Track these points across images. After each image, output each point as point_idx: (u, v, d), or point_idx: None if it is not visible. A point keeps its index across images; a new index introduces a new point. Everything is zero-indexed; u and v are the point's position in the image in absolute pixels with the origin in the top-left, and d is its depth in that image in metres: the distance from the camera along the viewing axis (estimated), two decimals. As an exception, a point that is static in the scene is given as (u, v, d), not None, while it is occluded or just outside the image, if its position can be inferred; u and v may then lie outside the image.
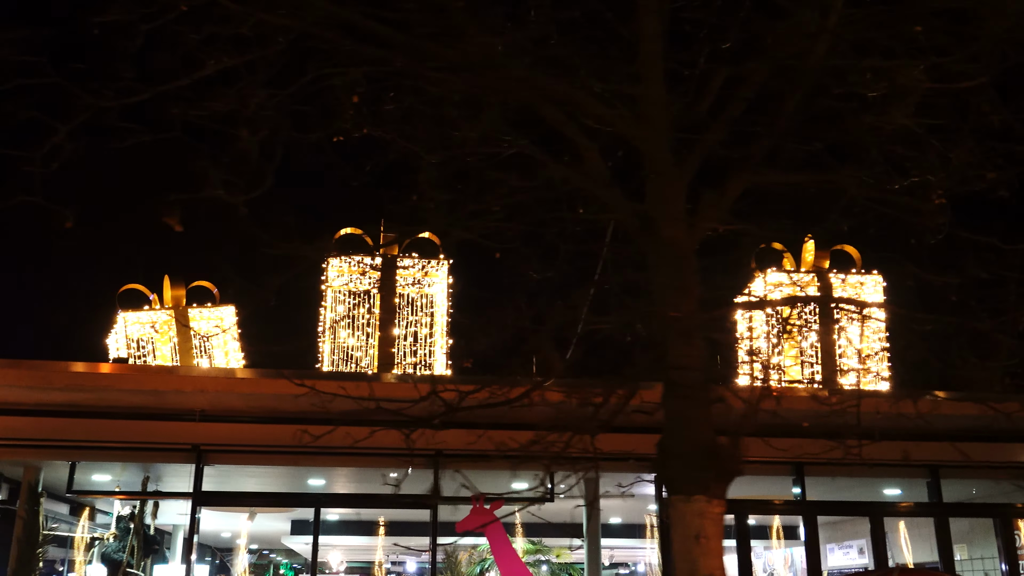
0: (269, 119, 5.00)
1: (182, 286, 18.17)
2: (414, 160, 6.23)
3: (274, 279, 5.71)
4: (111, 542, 14.96)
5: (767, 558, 25.59)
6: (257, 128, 4.95)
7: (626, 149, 5.91)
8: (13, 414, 13.25)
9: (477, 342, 7.82)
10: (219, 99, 4.83)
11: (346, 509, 16.66)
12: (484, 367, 9.89)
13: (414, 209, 6.19)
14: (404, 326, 15.70)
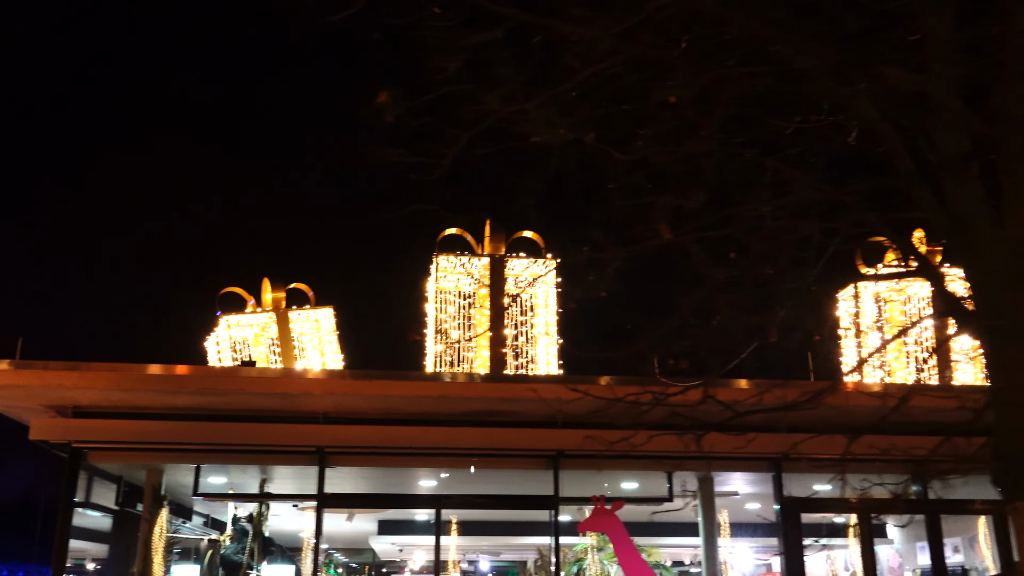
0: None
1: (282, 288, 18.28)
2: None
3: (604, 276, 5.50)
4: (229, 544, 15.05)
5: (847, 557, 25.28)
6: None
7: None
8: (141, 418, 13.37)
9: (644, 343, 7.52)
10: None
11: (457, 510, 16.61)
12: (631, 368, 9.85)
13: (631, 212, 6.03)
14: (513, 326, 15.65)
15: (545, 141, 4.88)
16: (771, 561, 26.01)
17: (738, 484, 16.12)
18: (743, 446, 7.30)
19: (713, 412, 6.28)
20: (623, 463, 14.13)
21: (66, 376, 12.56)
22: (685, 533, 20.81)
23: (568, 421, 13.82)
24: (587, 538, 17.06)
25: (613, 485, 15.40)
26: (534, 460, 14.14)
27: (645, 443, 6.19)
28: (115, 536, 15.82)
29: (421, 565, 27.34)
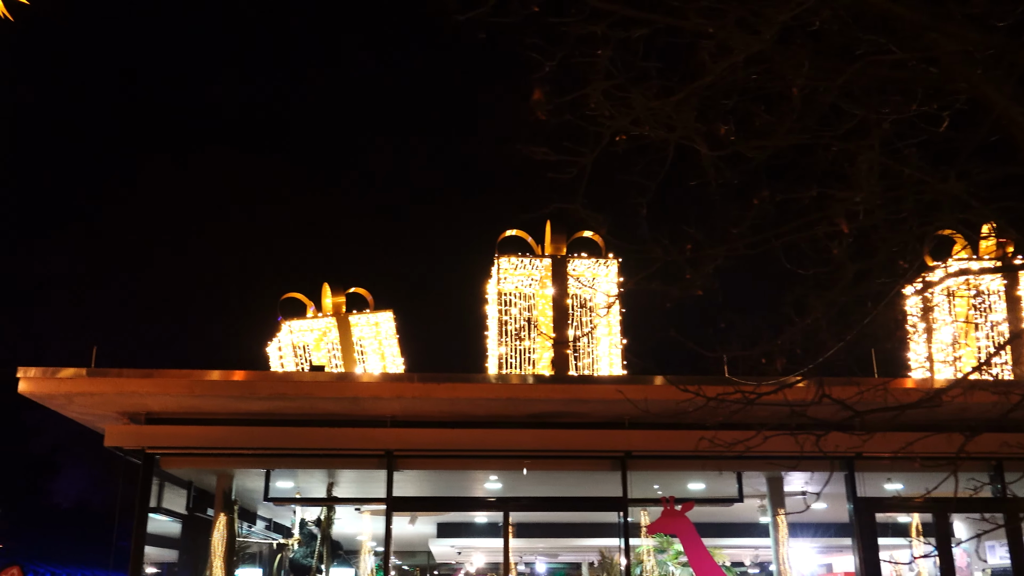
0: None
1: (341, 293, 18.38)
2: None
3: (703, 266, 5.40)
4: (297, 548, 15.14)
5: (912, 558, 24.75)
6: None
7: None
8: (212, 424, 13.51)
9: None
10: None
11: (519, 512, 16.55)
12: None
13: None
14: (575, 327, 15.57)
15: (662, 137, 4.79)
16: (832, 562, 25.62)
17: (804, 484, 15.89)
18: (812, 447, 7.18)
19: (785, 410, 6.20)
20: (692, 464, 14.05)
21: (140, 383, 12.73)
22: (745, 534, 20.64)
23: (636, 422, 13.76)
24: (648, 540, 16.91)
25: (679, 486, 15.27)
26: (601, 461, 14.06)
27: (761, 444, 6.05)
28: (185, 541, 16.02)
29: (478, 568, 27.34)
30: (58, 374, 12.66)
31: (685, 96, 4.51)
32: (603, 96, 4.57)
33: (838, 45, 4.95)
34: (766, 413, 6.55)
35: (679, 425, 12.75)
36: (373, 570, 20.00)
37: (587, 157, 4.68)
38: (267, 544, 18.51)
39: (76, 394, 12.79)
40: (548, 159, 4.59)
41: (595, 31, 5.09)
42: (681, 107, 4.65)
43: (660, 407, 10.54)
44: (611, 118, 4.58)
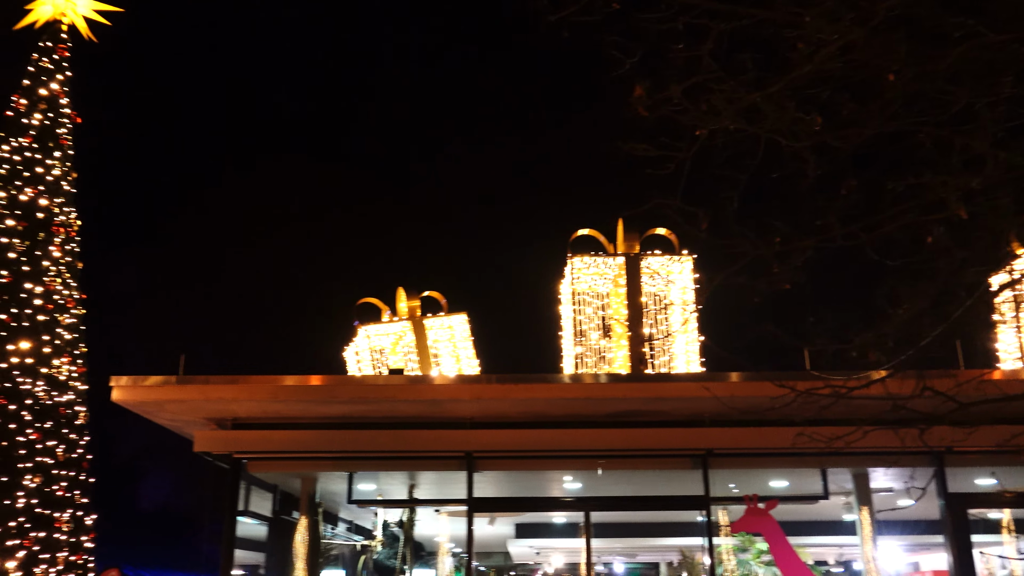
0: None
1: (416, 297, 18.57)
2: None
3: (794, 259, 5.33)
4: (381, 549, 15.33)
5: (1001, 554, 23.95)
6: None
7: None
8: (296, 428, 13.76)
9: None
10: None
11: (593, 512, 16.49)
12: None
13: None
14: (651, 325, 15.46)
15: (752, 131, 4.73)
16: (919, 560, 24.93)
17: (892, 480, 15.51)
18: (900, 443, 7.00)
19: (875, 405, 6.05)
20: (777, 461, 13.85)
21: (226, 389, 13.04)
22: (829, 532, 20.19)
23: (716, 420, 13.60)
24: (729, 539, 16.70)
25: (761, 484, 15.03)
26: (681, 460, 13.92)
27: (861, 438, 5.92)
28: (271, 543, 16.35)
29: (556, 568, 27.34)
30: (149, 382, 13.05)
31: (782, 87, 4.43)
32: (707, 90, 4.52)
33: (930, 29, 4.82)
34: (852, 408, 6.43)
35: (762, 422, 12.64)
36: (451, 571, 20.15)
37: (685, 152, 4.64)
38: (350, 546, 18.79)
39: (166, 401, 13.17)
40: (648, 155, 4.56)
41: (676, 26, 5.05)
42: (775, 99, 4.57)
43: (745, 403, 10.42)
44: (708, 113, 4.53)
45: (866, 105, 5.74)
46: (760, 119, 4.77)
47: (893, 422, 5.75)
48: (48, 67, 17.16)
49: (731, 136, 4.79)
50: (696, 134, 5.48)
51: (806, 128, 4.98)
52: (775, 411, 6.80)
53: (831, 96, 5.73)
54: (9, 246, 15.28)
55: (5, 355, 14.42)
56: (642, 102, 4.47)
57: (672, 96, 4.55)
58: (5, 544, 13.25)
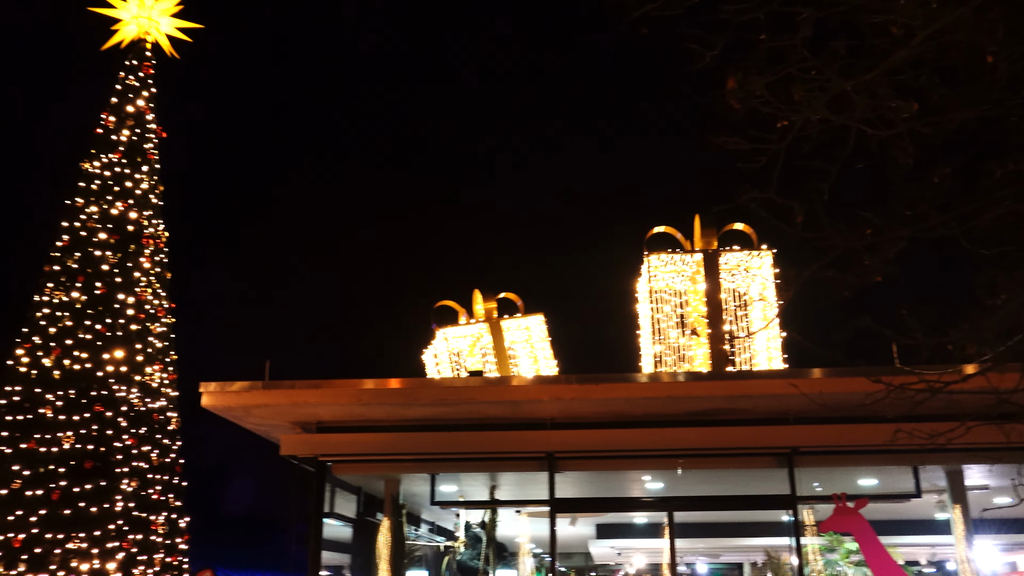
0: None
1: (492, 299, 18.66)
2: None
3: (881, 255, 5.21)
4: (463, 550, 15.44)
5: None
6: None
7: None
8: (379, 431, 13.97)
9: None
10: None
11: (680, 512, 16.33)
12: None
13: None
14: (731, 322, 15.24)
15: (842, 121, 4.62)
16: (1016, 560, 24.02)
17: (988, 478, 14.99)
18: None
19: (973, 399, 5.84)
20: (865, 459, 13.50)
21: (310, 394, 13.30)
22: (921, 531, 19.60)
23: (801, 417, 13.34)
24: (815, 539, 16.35)
25: (849, 483, 14.68)
26: (766, 459, 13.69)
27: (964, 435, 5.74)
28: (356, 544, 16.63)
29: (638, 568, 27.15)
30: (236, 388, 13.40)
31: (878, 74, 4.32)
32: (797, 81, 4.43)
33: None
34: (948, 403, 6.22)
35: (850, 419, 12.39)
36: (532, 571, 20.17)
37: (778, 144, 4.56)
38: (433, 547, 18.98)
39: (253, 406, 13.50)
40: (740, 148, 4.49)
41: (758, 16, 4.97)
42: (868, 87, 4.46)
43: (834, 400, 10.22)
44: (798, 104, 4.44)
45: (958, 89, 5.56)
46: (850, 108, 4.66)
47: (996, 417, 5.55)
48: (134, 84, 17.78)
49: (821, 126, 4.68)
50: (778, 126, 5.38)
51: (898, 115, 4.84)
52: (865, 407, 6.64)
53: (921, 80, 5.57)
54: (102, 259, 15.88)
55: (101, 364, 14.98)
56: (735, 95, 4.41)
57: (759, 89, 4.47)
58: (105, 546, 13.75)
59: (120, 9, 18.50)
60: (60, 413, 14.53)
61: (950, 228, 5.49)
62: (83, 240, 16.06)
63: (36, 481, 14.04)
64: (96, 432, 14.44)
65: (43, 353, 15.08)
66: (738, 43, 5.33)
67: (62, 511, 13.82)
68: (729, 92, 4.41)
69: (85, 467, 14.13)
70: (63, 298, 15.56)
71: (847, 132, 5.55)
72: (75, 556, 13.54)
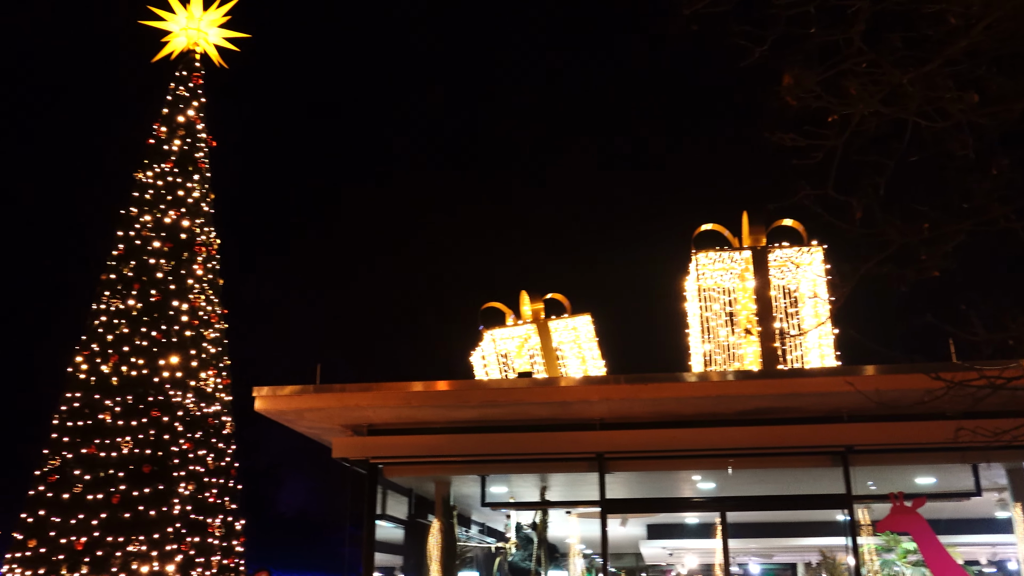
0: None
1: (539, 300, 18.68)
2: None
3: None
4: (515, 551, 15.46)
5: None
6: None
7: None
8: (429, 433, 14.04)
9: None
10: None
11: (744, 513, 16.15)
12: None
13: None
14: (782, 319, 15.06)
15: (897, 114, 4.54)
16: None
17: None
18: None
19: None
20: (923, 457, 13.23)
21: (361, 397, 13.42)
22: (980, 530, 19.16)
23: (855, 415, 13.13)
24: (871, 538, 16.07)
25: (905, 481, 14.42)
26: (819, 457, 13.50)
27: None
28: (408, 546, 16.74)
29: (690, 569, 26.93)
30: (287, 392, 13.57)
31: (936, 66, 4.24)
32: (851, 74, 4.37)
33: None
34: (1010, 399, 6.09)
35: (907, 416, 12.15)
36: (583, 572, 20.12)
37: (835, 140, 4.49)
38: (484, 548, 19.03)
39: (305, 410, 13.66)
40: (798, 144, 4.44)
41: (808, 10, 4.91)
42: (926, 79, 4.37)
43: (891, 397, 10.03)
44: (853, 98, 4.38)
45: (1017, 79, 5.44)
46: (906, 101, 4.57)
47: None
48: (184, 95, 18.11)
49: (878, 120, 4.61)
50: (829, 120, 5.31)
51: (955, 107, 4.74)
52: (924, 404, 6.52)
53: (979, 71, 5.45)
54: (157, 266, 16.20)
55: (157, 370, 15.28)
56: (790, 91, 4.35)
57: (813, 84, 4.41)
58: (164, 549, 14.02)
59: (170, 21, 18.86)
60: (118, 418, 14.84)
61: (1010, 221, 5.37)
62: (138, 249, 16.40)
63: (97, 485, 14.37)
64: (153, 437, 14.74)
65: (101, 360, 15.43)
66: (786, 38, 5.27)
67: (122, 514, 14.11)
68: (784, 88, 4.36)
69: (143, 471, 14.42)
70: (119, 306, 15.90)
71: (902, 125, 5.46)
72: (135, 559, 13.82)
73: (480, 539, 19.54)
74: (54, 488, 14.48)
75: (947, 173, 5.86)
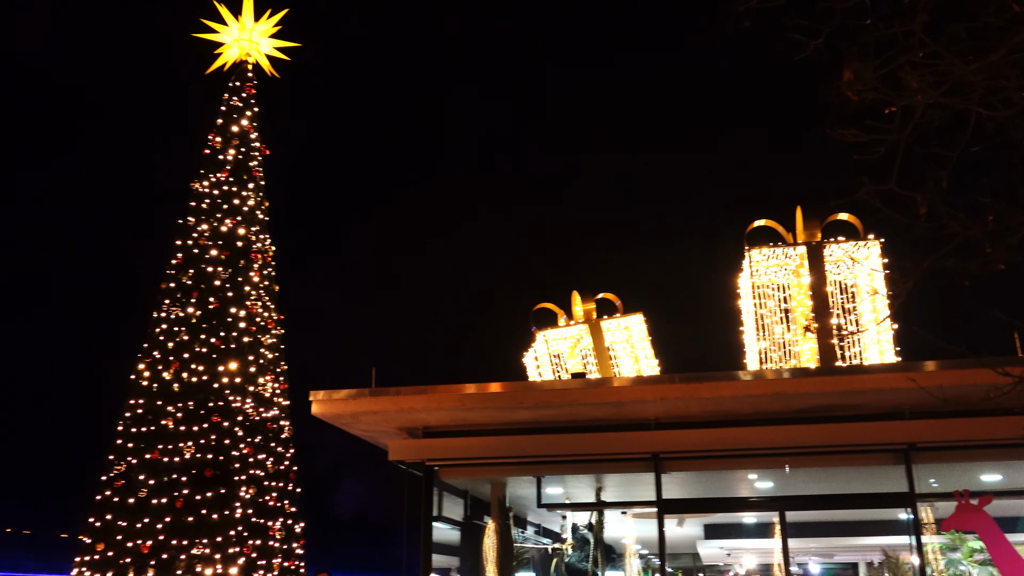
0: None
1: (591, 300, 18.64)
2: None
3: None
4: (571, 552, 15.44)
5: None
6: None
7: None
8: (483, 435, 14.09)
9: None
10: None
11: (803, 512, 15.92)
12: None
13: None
14: (839, 315, 14.82)
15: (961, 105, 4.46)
16: None
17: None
18: None
19: None
20: (990, 454, 12.93)
21: (416, 399, 13.52)
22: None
23: (918, 412, 12.86)
24: (935, 537, 15.72)
25: (970, 479, 14.09)
26: (881, 455, 13.26)
27: None
28: (464, 547, 16.80)
29: (748, 569, 26.64)
30: (343, 395, 13.72)
31: (1004, 55, 4.15)
32: (911, 66, 4.30)
33: None
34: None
35: (972, 412, 11.87)
36: (639, 573, 20.03)
37: (898, 134, 4.42)
38: (540, 549, 19.03)
39: (361, 413, 13.81)
40: (859, 140, 4.38)
41: (864, 1, 4.84)
42: (991, 68, 4.28)
43: (955, 393, 9.81)
44: (920, 90, 4.30)
45: None
46: (968, 91, 4.48)
47: None
48: (238, 105, 18.44)
49: (940, 112, 4.52)
50: (886, 112, 5.22)
51: (1020, 95, 4.63)
52: (990, 400, 6.37)
53: None
54: (214, 274, 16.52)
55: (217, 376, 15.57)
56: (851, 86, 4.29)
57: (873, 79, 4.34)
58: (227, 551, 14.29)
59: (223, 33, 19.22)
60: (180, 424, 15.16)
61: None
62: (196, 257, 16.74)
63: (161, 490, 14.70)
64: (214, 441, 15.02)
65: (163, 367, 15.77)
66: (841, 30, 5.20)
67: (186, 518, 14.41)
68: (845, 84, 4.30)
69: (205, 475, 14.71)
70: (179, 313, 16.24)
71: (963, 116, 5.34)
72: (199, 561, 14.11)
73: (536, 540, 19.55)
74: (120, 493, 14.84)
75: (1011, 163, 5.73)
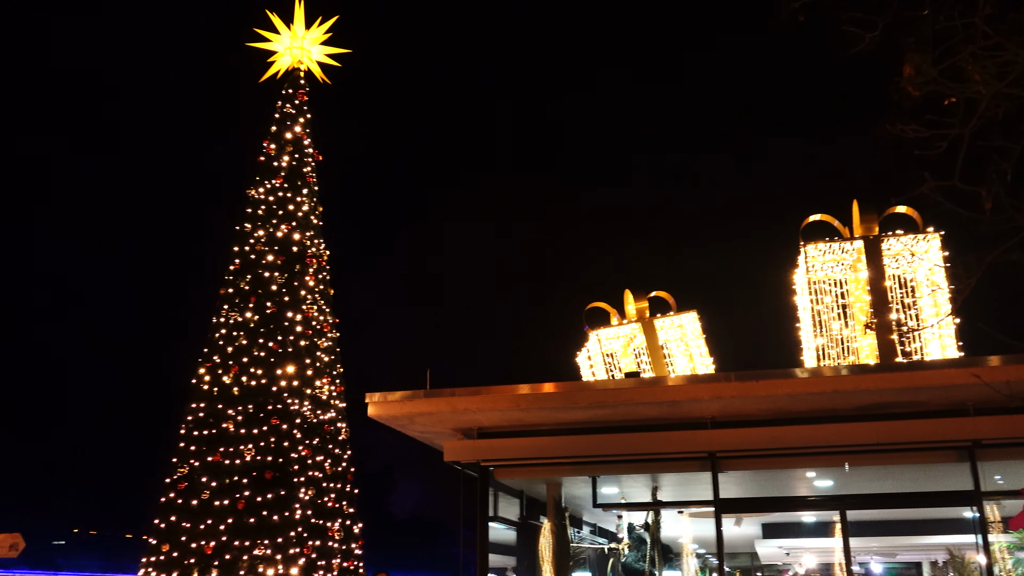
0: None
1: (643, 298, 18.56)
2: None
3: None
4: (628, 552, 15.39)
5: None
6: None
7: None
8: (538, 435, 14.13)
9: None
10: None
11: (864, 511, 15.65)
12: None
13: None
14: (898, 311, 14.55)
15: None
16: None
17: None
18: None
19: None
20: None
21: (470, 400, 13.61)
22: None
23: (982, 408, 12.57)
24: (1003, 536, 15.32)
25: None
26: (944, 452, 12.99)
27: None
28: (520, 547, 16.84)
29: (808, 568, 26.26)
30: (398, 397, 13.87)
31: None
32: (972, 58, 4.22)
33: None
34: None
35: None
36: (696, 572, 19.86)
37: (961, 128, 4.34)
38: (596, 549, 19.00)
39: (416, 414, 13.94)
40: (921, 135, 4.30)
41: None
42: None
43: (1021, 388, 9.59)
44: (982, 82, 4.22)
45: None
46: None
47: None
48: (291, 112, 18.72)
49: (1003, 104, 4.42)
50: (945, 104, 5.11)
51: None
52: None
53: None
54: (271, 279, 16.79)
55: (275, 379, 15.83)
56: (911, 82, 4.22)
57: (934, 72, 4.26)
58: (288, 552, 14.52)
59: (275, 42, 19.52)
60: (240, 427, 15.43)
61: None
62: (253, 263, 17.03)
63: (223, 492, 14.98)
64: (274, 444, 15.27)
65: (223, 371, 16.07)
66: (897, 22, 5.11)
67: (247, 519, 14.67)
68: (906, 79, 4.23)
69: (265, 477, 14.95)
70: (238, 318, 16.54)
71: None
72: (261, 562, 14.35)
73: (592, 540, 19.51)
74: (184, 495, 15.16)
75: None
